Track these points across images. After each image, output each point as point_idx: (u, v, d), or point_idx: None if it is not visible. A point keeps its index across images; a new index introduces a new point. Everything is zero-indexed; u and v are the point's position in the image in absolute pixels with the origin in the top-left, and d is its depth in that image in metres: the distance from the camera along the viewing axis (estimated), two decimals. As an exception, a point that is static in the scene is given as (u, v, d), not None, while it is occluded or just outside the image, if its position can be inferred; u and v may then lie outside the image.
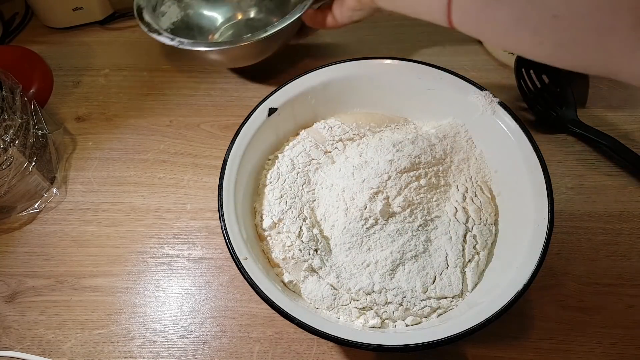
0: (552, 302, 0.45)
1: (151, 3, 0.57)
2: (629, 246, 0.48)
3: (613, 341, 0.43)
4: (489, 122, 0.45)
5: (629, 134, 0.55)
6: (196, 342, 0.45)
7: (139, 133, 0.58)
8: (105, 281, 0.49)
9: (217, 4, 0.63)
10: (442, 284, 0.41)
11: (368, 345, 0.35)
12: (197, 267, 0.49)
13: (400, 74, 0.48)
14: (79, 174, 0.56)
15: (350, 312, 0.40)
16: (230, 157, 0.43)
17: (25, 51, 0.60)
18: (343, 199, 0.44)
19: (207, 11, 0.62)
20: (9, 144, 0.48)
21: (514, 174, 0.44)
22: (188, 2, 0.62)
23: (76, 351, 0.45)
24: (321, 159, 0.47)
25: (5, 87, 0.49)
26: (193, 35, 0.61)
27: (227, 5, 0.63)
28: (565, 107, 0.56)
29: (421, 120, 0.51)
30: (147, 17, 0.55)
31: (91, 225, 0.52)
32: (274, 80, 0.62)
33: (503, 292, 0.37)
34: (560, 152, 0.54)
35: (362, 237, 0.43)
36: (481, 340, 0.44)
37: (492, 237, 0.44)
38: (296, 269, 0.42)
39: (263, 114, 0.46)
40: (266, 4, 0.63)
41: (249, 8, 0.64)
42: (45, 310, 0.47)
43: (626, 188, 0.51)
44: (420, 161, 0.45)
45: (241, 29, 0.63)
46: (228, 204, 0.41)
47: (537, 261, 0.37)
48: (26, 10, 0.70)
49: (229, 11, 0.63)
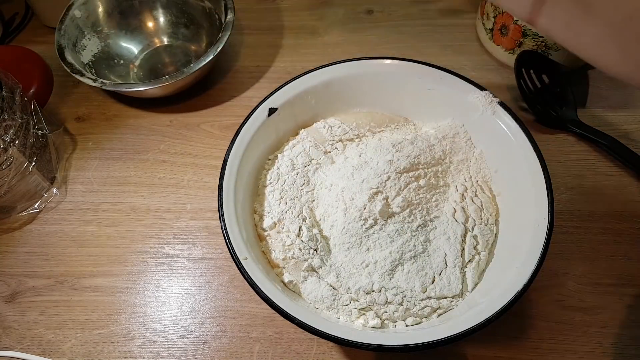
0: (552, 302, 0.45)
1: (71, 40, 0.59)
2: (629, 246, 0.48)
3: (613, 341, 0.43)
4: (489, 122, 0.45)
5: (629, 134, 0.55)
6: (196, 342, 0.45)
7: (139, 133, 0.58)
8: (105, 281, 0.49)
9: (134, 33, 0.65)
10: (442, 284, 0.41)
11: (368, 345, 0.35)
12: (197, 267, 0.49)
13: (401, 74, 0.48)
14: (79, 174, 0.56)
15: (350, 313, 0.40)
16: (230, 157, 0.43)
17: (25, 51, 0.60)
18: (342, 199, 0.44)
19: (124, 42, 0.65)
20: (9, 144, 0.48)
21: (514, 174, 0.44)
22: (107, 33, 0.63)
23: (76, 351, 0.45)
24: (321, 159, 0.47)
25: (5, 87, 0.49)
26: (115, 64, 0.63)
27: (143, 34, 0.65)
28: (565, 107, 0.56)
29: (421, 120, 0.51)
30: (69, 56, 0.57)
31: (91, 225, 0.52)
32: (274, 80, 0.62)
33: (503, 292, 0.37)
34: (560, 152, 0.54)
35: (362, 237, 0.43)
36: (481, 340, 0.44)
37: (493, 237, 0.44)
38: (296, 269, 0.42)
39: (263, 114, 0.46)
40: (182, 32, 0.65)
41: (164, 36, 0.66)
42: (45, 310, 0.47)
43: (626, 188, 0.51)
44: (419, 162, 0.45)
45: (161, 55, 0.65)
46: (228, 204, 0.41)
47: (537, 261, 0.37)
48: (26, 10, 0.70)
49: (146, 39, 0.65)
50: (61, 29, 0.59)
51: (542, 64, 0.57)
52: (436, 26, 0.66)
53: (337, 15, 0.68)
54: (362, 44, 0.65)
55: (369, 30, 0.66)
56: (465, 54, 0.63)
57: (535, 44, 0.57)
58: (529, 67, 0.57)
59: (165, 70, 0.64)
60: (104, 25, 0.63)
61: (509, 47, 0.59)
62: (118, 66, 0.63)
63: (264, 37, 0.66)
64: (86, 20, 0.61)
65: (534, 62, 0.57)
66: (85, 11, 0.61)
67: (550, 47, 0.56)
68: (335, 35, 0.66)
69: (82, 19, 0.61)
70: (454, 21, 0.66)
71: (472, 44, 0.64)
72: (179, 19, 0.65)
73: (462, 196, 0.45)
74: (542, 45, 0.56)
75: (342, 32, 0.66)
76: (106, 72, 0.61)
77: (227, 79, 0.62)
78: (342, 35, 0.66)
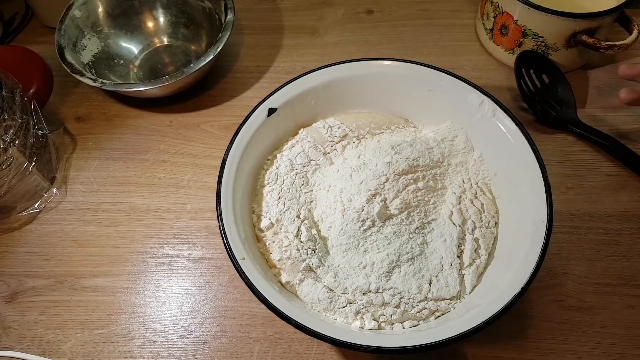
0: (552, 302, 0.45)
1: (71, 40, 0.59)
2: (629, 246, 0.48)
3: (613, 341, 0.43)
4: (489, 124, 0.45)
5: (629, 134, 0.55)
6: (196, 342, 0.45)
7: (139, 133, 0.58)
8: (105, 281, 0.49)
9: (134, 33, 0.65)
10: (439, 285, 0.41)
11: (365, 347, 0.35)
12: (197, 267, 0.49)
13: (401, 75, 0.48)
14: (79, 174, 0.56)
15: (346, 315, 0.40)
16: (229, 157, 0.43)
17: (25, 51, 0.60)
18: (340, 200, 0.44)
19: (124, 42, 0.65)
20: (9, 144, 0.48)
21: (514, 176, 0.44)
22: (107, 33, 0.63)
23: (76, 351, 0.45)
24: (320, 160, 0.47)
25: (5, 87, 0.49)
26: (115, 64, 0.63)
27: (143, 34, 0.65)
28: (565, 107, 0.56)
29: (421, 121, 0.51)
30: (69, 56, 0.57)
31: (91, 225, 0.52)
32: (274, 80, 0.62)
33: (501, 294, 0.37)
34: (560, 152, 0.54)
35: (359, 239, 0.42)
36: (481, 341, 0.44)
37: (493, 239, 0.44)
38: (293, 270, 0.42)
39: (263, 114, 0.46)
40: (182, 32, 0.65)
41: (165, 36, 0.66)
42: (45, 310, 0.47)
43: (626, 188, 0.51)
44: (418, 164, 0.45)
45: (161, 55, 0.65)
46: (226, 204, 0.41)
47: (535, 264, 0.37)
48: (26, 10, 0.71)
49: (146, 39, 0.65)
50: (61, 29, 0.59)
51: (542, 64, 0.57)
52: (436, 26, 0.66)
53: (337, 15, 0.68)
54: (362, 44, 0.65)
55: (368, 30, 0.66)
56: (465, 54, 0.63)
57: (535, 44, 0.56)
58: (529, 67, 0.57)
59: (165, 70, 0.64)
60: (104, 25, 0.63)
61: (509, 47, 0.59)
62: (118, 66, 0.63)
63: (264, 37, 0.66)
64: (86, 20, 0.62)
65: (534, 62, 0.57)
66: (85, 11, 0.61)
67: (550, 47, 0.56)
68: (335, 35, 0.66)
69: (82, 19, 0.61)
70: (454, 21, 0.66)
71: (472, 44, 0.64)
72: (179, 19, 0.65)
73: (460, 199, 0.45)
74: (542, 45, 0.56)
75: (342, 32, 0.66)
76: (106, 72, 0.61)
77: (227, 79, 0.62)
78: (342, 35, 0.66)
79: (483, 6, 0.61)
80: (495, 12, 0.58)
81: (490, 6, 0.59)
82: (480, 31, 0.63)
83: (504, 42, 0.59)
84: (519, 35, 0.57)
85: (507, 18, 0.57)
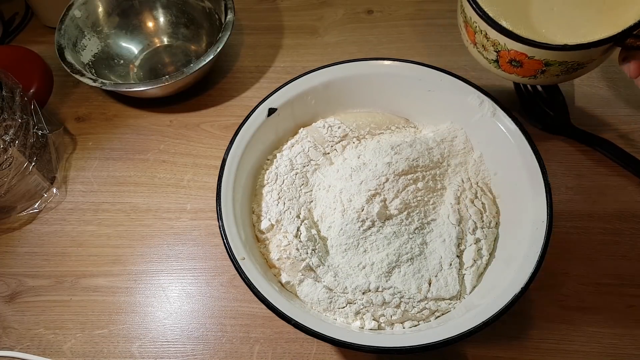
0: (552, 302, 0.45)
1: (71, 40, 0.59)
2: (629, 246, 0.48)
3: (613, 341, 0.43)
4: (489, 124, 0.45)
5: (628, 134, 0.55)
6: (196, 342, 0.45)
7: (139, 133, 0.58)
8: (105, 281, 0.49)
9: (134, 33, 0.65)
10: (439, 285, 0.41)
11: (365, 347, 0.35)
12: (197, 267, 0.49)
13: (401, 76, 0.48)
14: (79, 174, 0.56)
15: (346, 315, 0.40)
16: (229, 157, 0.43)
17: (25, 51, 0.60)
18: (340, 200, 0.44)
19: (124, 42, 0.65)
20: (9, 144, 0.48)
21: (514, 176, 0.44)
22: (107, 33, 0.63)
23: (76, 351, 0.45)
24: (319, 160, 0.47)
25: (5, 87, 0.49)
26: (115, 64, 0.63)
27: (143, 34, 0.65)
28: (560, 111, 0.55)
29: (421, 121, 0.51)
30: (69, 56, 0.57)
31: (91, 225, 0.52)
32: (274, 80, 0.62)
33: (501, 295, 0.37)
34: (560, 152, 0.54)
35: (359, 239, 0.42)
36: (481, 340, 0.44)
37: (493, 239, 0.44)
38: (293, 270, 0.41)
39: (263, 114, 0.46)
40: (182, 32, 0.65)
41: (165, 36, 0.66)
42: (45, 310, 0.47)
43: (626, 188, 0.51)
44: (418, 164, 0.45)
45: (161, 55, 0.65)
46: (226, 204, 0.41)
47: (535, 264, 0.37)
48: (26, 10, 0.70)
49: (146, 39, 0.65)
50: (61, 29, 0.59)
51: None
52: (436, 26, 0.66)
53: (337, 15, 0.68)
54: (362, 44, 0.65)
55: (368, 30, 0.66)
56: (465, 54, 0.62)
57: (565, 68, 0.54)
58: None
59: (165, 70, 0.64)
60: (104, 25, 0.63)
61: (528, 74, 0.56)
62: (118, 66, 0.63)
63: (264, 37, 0.66)
64: (86, 20, 0.62)
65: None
66: (85, 11, 0.61)
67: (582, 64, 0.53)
68: (335, 35, 0.66)
69: (82, 19, 0.61)
70: (454, 21, 0.66)
71: (472, 43, 0.64)
72: (179, 19, 0.65)
73: (459, 199, 0.45)
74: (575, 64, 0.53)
75: (342, 32, 0.66)
76: (106, 72, 0.61)
77: (227, 79, 0.62)
78: (342, 35, 0.66)
79: (472, 34, 0.45)
80: (496, 48, 0.44)
81: (485, 40, 0.44)
82: (479, 58, 0.47)
83: (519, 71, 0.46)
84: (539, 66, 0.44)
85: (516, 54, 0.43)
